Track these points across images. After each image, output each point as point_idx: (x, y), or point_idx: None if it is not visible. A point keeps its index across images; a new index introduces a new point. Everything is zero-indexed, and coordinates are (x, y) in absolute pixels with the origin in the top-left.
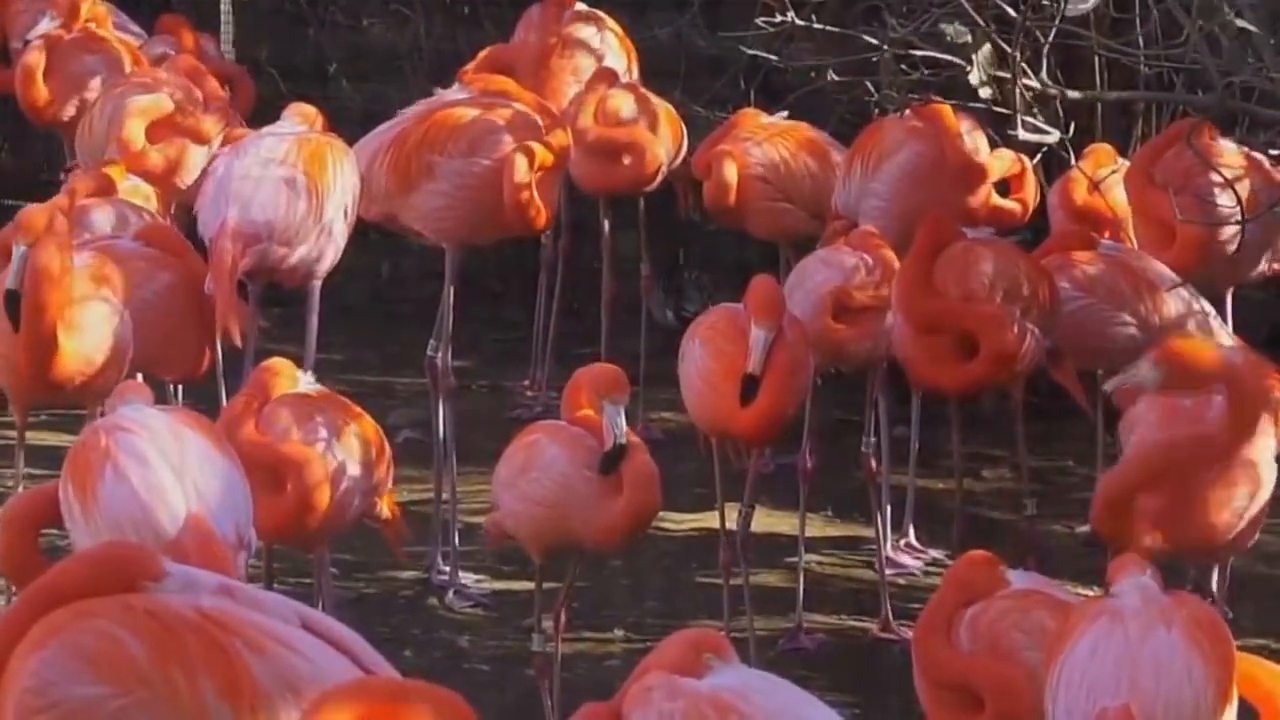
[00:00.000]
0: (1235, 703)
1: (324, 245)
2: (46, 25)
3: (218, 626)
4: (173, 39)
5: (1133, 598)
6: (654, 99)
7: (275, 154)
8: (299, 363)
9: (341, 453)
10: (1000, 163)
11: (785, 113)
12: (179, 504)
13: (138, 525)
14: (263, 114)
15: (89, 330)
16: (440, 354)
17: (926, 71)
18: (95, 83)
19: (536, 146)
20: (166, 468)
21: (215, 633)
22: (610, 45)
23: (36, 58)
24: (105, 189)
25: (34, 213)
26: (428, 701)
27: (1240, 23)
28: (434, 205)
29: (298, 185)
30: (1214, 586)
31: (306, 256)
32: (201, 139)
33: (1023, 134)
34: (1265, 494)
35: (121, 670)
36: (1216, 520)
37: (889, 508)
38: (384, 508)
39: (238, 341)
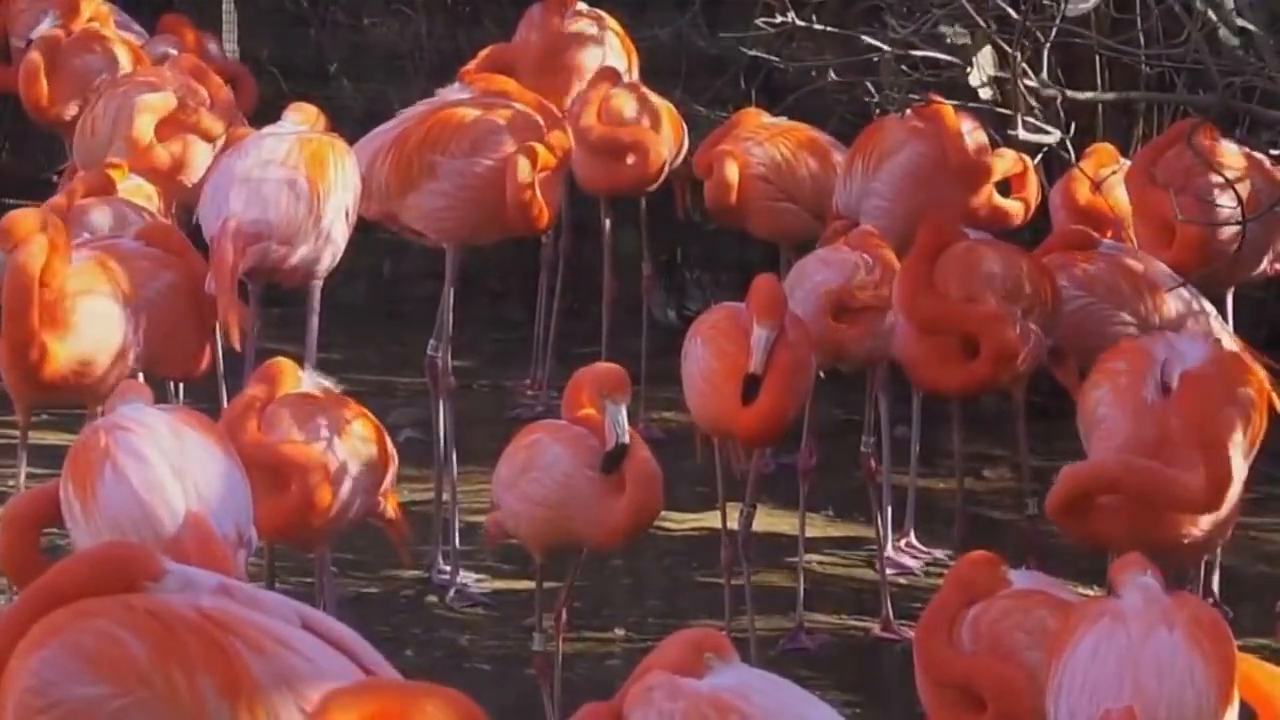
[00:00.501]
0: (1237, 703)
1: (324, 245)
2: (49, 24)
3: (218, 626)
4: (175, 38)
5: (1134, 598)
6: (655, 98)
7: (276, 154)
8: (299, 362)
9: (344, 452)
10: (1003, 162)
11: (785, 117)
12: (178, 503)
13: (137, 524)
14: (264, 114)
15: (84, 331)
16: (440, 354)
17: (927, 72)
18: (98, 82)
19: (539, 147)
20: (166, 467)
21: (215, 632)
22: (611, 45)
23: (39, 57)
24: (105, 189)
25: (18, 217)
26: (436, 702)
27: (1240, 22)
28: (435, 205)
29: (298, 186)
30: (1214, 586)
31: (307, 256)
32: (207, 137)
33: (1023, 134)
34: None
35: (122, 670)
36: (1180, 520)
37: (890, 507)
38: (389, 507)
39: (236, 342)
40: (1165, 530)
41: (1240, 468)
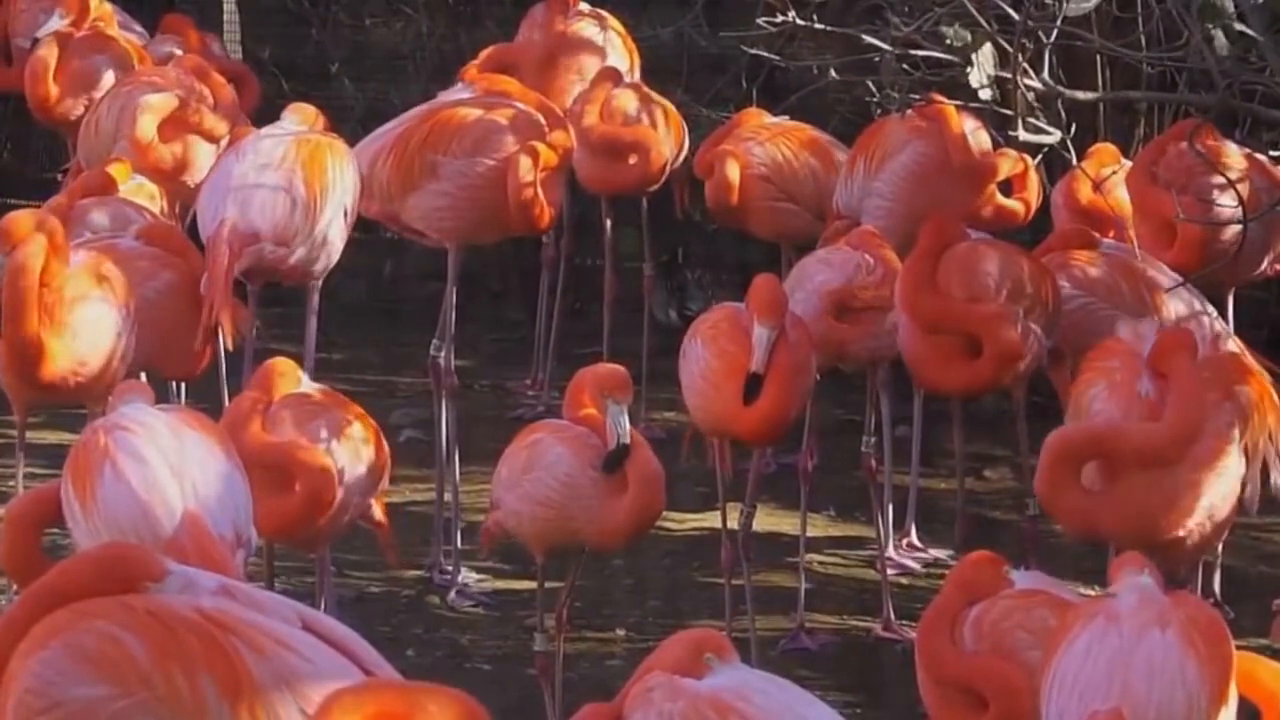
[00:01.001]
0: (1234, 704)
1: (321, 247)
2: (57, 23)
3: (218, 627)
4: (178, 38)
5: (1130, 598)
6: (656, 98)
7: (273, 156)
8: (299, 363)
9: (345, 453)
10: (1005, 163)
11: (786, 117)
12: (177, 503)
13: (136, 524)
14: (265, 113)
15: (82, 331)
16: (443, 353)
17: (929, 71)
18: (104, 82)
19: (540, 146)
20: (165, 467)
21: (216, 633)
22: (613, 45)
23: (49, 55)
24: (105, 188)
25: (16, 218)
26: (440, 702)
27: (1240, 27)
28: (437, 205)
29: (295, 187)
30: (1215, 586)
31: (304, 258)
32: (210, 137)
33: (1024, 135)
34: (1220, 490)
35: (122, 670)
36: (1170, 509)
37: (890, 507)
38: (378, 510)
39: (229, 343)
40: (1155, 519)
41: (1236, 460)
